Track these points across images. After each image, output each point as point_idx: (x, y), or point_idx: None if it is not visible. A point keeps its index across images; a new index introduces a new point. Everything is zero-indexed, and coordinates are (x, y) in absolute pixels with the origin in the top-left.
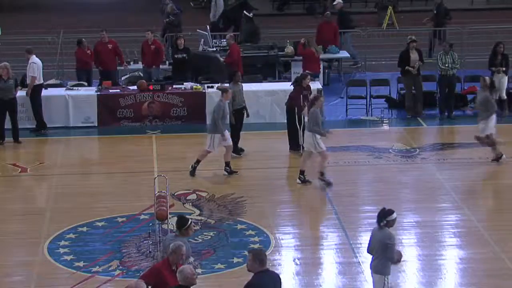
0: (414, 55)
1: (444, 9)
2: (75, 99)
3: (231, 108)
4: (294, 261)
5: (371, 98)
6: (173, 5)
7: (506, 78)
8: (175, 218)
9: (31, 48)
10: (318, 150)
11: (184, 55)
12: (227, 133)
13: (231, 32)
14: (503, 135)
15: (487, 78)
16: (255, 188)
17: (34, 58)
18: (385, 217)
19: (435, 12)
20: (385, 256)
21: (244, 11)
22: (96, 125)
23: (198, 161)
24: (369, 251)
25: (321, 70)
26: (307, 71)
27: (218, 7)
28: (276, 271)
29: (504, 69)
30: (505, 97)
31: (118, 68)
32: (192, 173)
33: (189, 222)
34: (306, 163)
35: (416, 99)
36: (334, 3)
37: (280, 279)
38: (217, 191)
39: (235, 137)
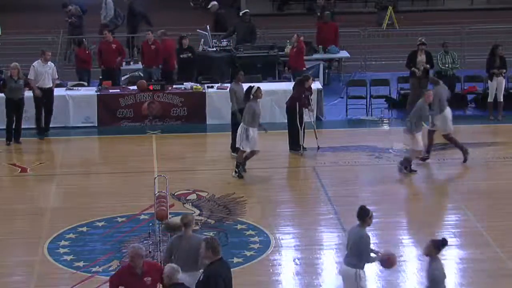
0: (421, 57)
1: (329, 11)
2: (75, 99)
3: (235, 108)
4: (294, 261)
5: (371, 98)
6: (77, 6)
7: (504, 81)
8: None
9: None
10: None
11: (189, 54)
12: (419, 135)
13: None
14: (503, 136)
15: None
16: (255, 188)
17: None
18: None
19: (318, 14)
20: None
21: (242, 11)
22: (96, 125)
23: (423, 158)
24: None
25: (321, 70)
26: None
27: (108, 9)
28: (276, 271)
29: (505, 71)
30: (502, 100)
31: (121, 67)
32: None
33: (371, 212)
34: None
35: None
36: (209, 6)
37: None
38: (217, 191)
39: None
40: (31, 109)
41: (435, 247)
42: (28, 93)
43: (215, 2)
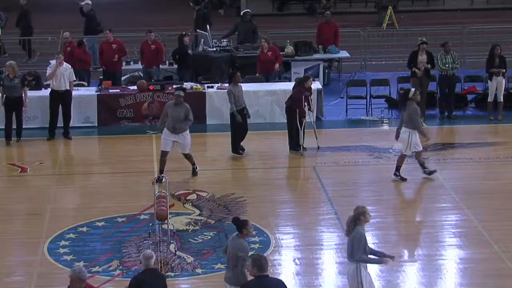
0: (422, 57)
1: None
2: (75, 99)
3: (234, 109)
4: (294, 261)
5: (371, 98)
6: None
7: (504, 81)
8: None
9: None
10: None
11: (190, 51)
12: None
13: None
14: (503, 136)
15: None
16: (255, 188)
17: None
18: None
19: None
20: None
21: (244, 10)
22: (96, 125)
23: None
24: None
25: (321, 70)
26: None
27: None
28: (276, 271)
29: (504, 71)
30: (502, 100)
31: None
32: None
33: None
34: None
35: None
36: (82, 3)
37: (283, 286)
38: (217, 191)
39: (242, 138)
40: (32, 110)
41: None
42: (43, 93)
43: (88, 1)
